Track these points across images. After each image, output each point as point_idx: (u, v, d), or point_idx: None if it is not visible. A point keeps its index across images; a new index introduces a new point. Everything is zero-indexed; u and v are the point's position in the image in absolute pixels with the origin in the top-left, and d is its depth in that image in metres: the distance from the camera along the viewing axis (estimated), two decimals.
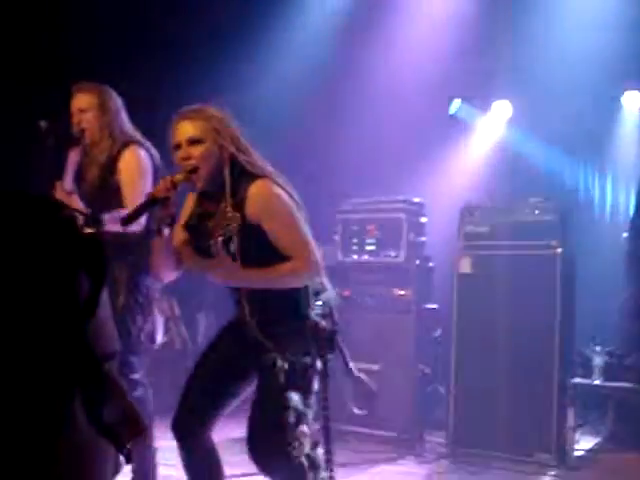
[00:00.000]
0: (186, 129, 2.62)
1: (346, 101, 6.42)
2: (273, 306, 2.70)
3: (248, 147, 2.73)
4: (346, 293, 5.54)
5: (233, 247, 2.60)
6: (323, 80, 6.32)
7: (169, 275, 2.86)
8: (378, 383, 5.22)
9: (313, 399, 2.72)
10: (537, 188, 5.79)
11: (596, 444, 5.44)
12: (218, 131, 2.64)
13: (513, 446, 4.97)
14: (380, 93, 6.30)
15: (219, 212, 2.64)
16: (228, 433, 5.61)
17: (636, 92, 6.17)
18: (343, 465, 4.76)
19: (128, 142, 3.59)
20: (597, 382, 5.03)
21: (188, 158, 2.61)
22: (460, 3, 6.05)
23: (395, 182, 5.98)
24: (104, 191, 3.51)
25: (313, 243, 2.72)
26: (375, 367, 5.30)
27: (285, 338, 2.67)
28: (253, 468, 4.51)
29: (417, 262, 5.48)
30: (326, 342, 2.69)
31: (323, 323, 2.69)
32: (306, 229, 2.71)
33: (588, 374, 5.09)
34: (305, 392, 2.67)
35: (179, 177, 2.62)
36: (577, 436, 5.07)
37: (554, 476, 4.79)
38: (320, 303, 2.73)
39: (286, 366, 2.62)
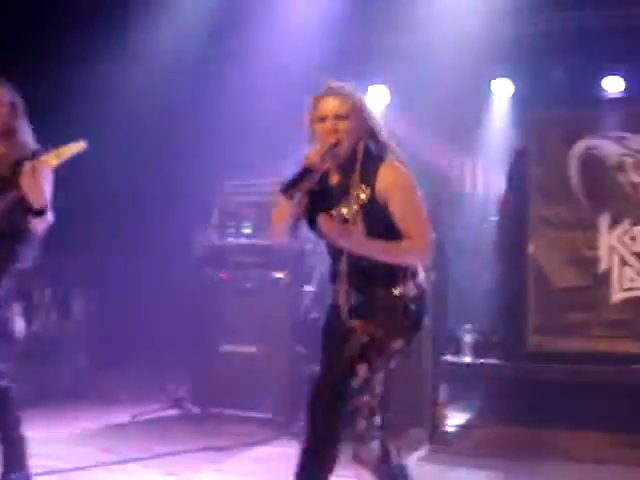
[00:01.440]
0: (335, 104, 2.77)
1: (223, 87, 6.36)
2: (371, 282, 2.76)
3: (382, 127, 2.86)
4: (222, 276, 5.52)
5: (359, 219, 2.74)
6: (199, 65, 6.26)
7: (283, 240, 2.90)
8: (255, 365, 5.24)
9: (380, 375, 2.76)
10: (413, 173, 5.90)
11: (467, 419, 5.63)
12: (362, 110, 2.81)
13: (391, 423, 5.07)
14: (257, 78, 6.26)
15: (349, 184, 2.75)
16: (108, 419, 5.54)
17: (505, 79, 6.36)
18: (218, 449, 4.76)
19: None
20: (467, 359, 5.21)
21: (335, 131, 2.73)
22: None
23: (272, 165, 5.96)
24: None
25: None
26: (251, 349, 5.32)
27: (374, 315, 2.73)
28: (134, 454, 4.51)
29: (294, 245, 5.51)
30: (412, 325, 2.77)
31: (413, 307, 2.75)
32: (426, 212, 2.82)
33: (459, 352, 5.26)
34: (376, 368, 2.73)
35: (325, 149, 2.72)
36: (449, 412, 5.24)
37: (427, 452, 4.92)
38: (413, 285, 2.78)
39: (365, 340, 2.69)
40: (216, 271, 5.61)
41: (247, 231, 5.57)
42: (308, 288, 5.60)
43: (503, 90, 6.44)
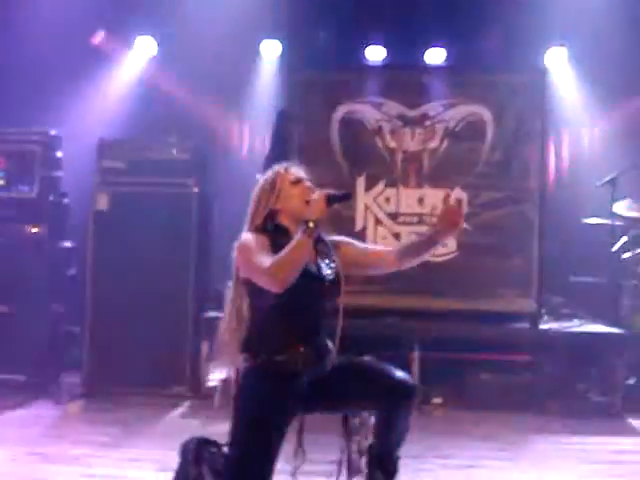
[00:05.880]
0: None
1: None
2: None
3: None
4: None
5: None
6: None
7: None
8: (8, 325, 5.01)
9: None
10: (177, 127, 5.84)
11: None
12: None
13: (151, 381, 5.09)
14: (21, 26, 5.90)
15: None
16: None
17: (274, 41, 6.45)
18: None
19: None
20: None
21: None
22: None
23: (31, 114, 5.64)
24: None
25: None
26: (4, 309, 5.06)
27: None
28: None
29: (51, 198, 5.28)
30: None
31: None
32: None
33: (220, 308, 5.33)
34: None
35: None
36: (210, 367, 5.31)
37: (188, 407, 5.00)
38: None
39: None
40: None
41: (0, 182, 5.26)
42: (67, 243, 5.42)
43: (271, 51, 6.53)
